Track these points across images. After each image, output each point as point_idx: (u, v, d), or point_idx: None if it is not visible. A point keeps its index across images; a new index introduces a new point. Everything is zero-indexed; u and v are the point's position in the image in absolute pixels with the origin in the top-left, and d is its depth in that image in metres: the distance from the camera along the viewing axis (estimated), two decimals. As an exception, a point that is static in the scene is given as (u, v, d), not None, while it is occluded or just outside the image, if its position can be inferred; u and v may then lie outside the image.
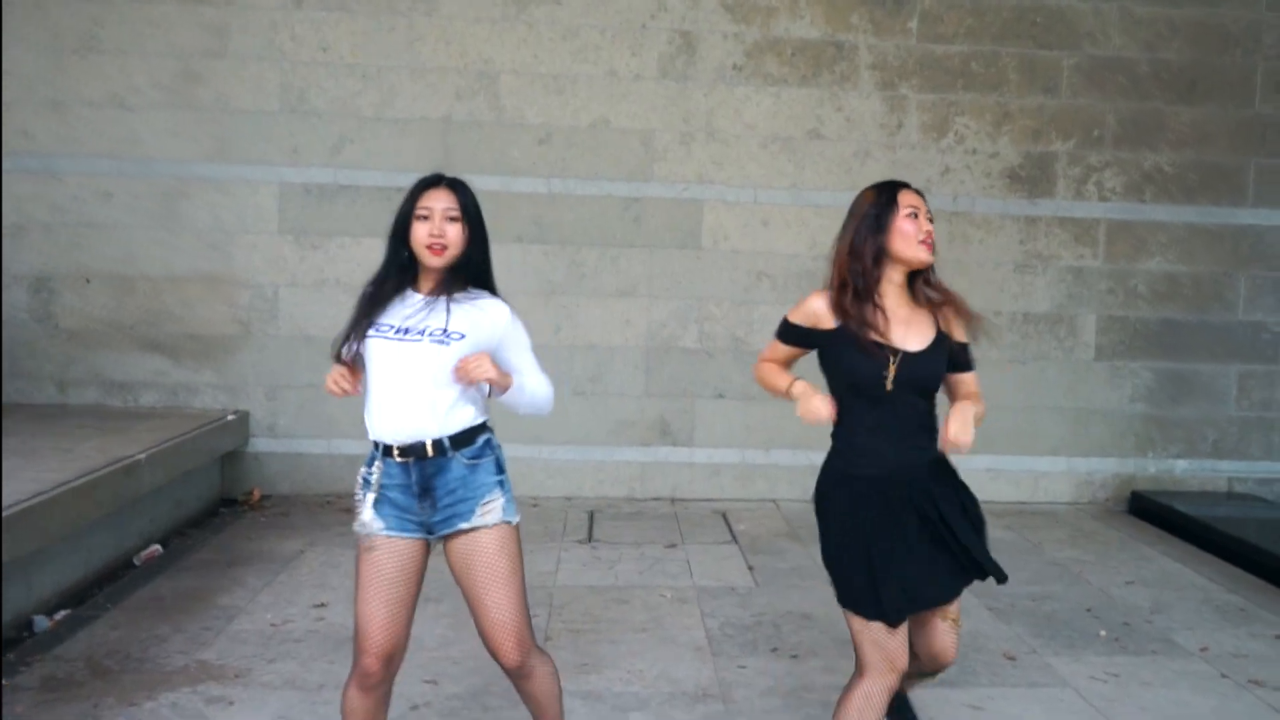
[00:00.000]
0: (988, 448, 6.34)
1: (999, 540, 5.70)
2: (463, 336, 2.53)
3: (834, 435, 2.61)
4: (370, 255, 6.44)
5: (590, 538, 5.51)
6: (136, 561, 4.86)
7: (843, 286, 2.53)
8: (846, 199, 2.75)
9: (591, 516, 5.93)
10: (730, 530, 5.72)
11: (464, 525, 2.56)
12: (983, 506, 2.66)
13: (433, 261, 2.54)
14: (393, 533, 2.57)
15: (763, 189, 6.30)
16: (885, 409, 2.51)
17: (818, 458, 2.69)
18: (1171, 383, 6.58)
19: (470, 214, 2.58)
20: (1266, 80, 6.52)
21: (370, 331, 2.55)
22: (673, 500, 6.36)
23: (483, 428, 2.63)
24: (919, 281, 2.59)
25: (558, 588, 4.66)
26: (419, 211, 2.55)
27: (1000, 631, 4.25)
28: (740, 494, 6.38)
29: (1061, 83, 6.40)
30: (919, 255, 2.52)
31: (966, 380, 2.63)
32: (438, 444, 2.55)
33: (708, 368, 6.36)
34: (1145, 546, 5.64)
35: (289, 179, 6.09)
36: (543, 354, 2.75)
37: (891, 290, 2.56)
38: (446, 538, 2.59)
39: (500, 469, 2.63)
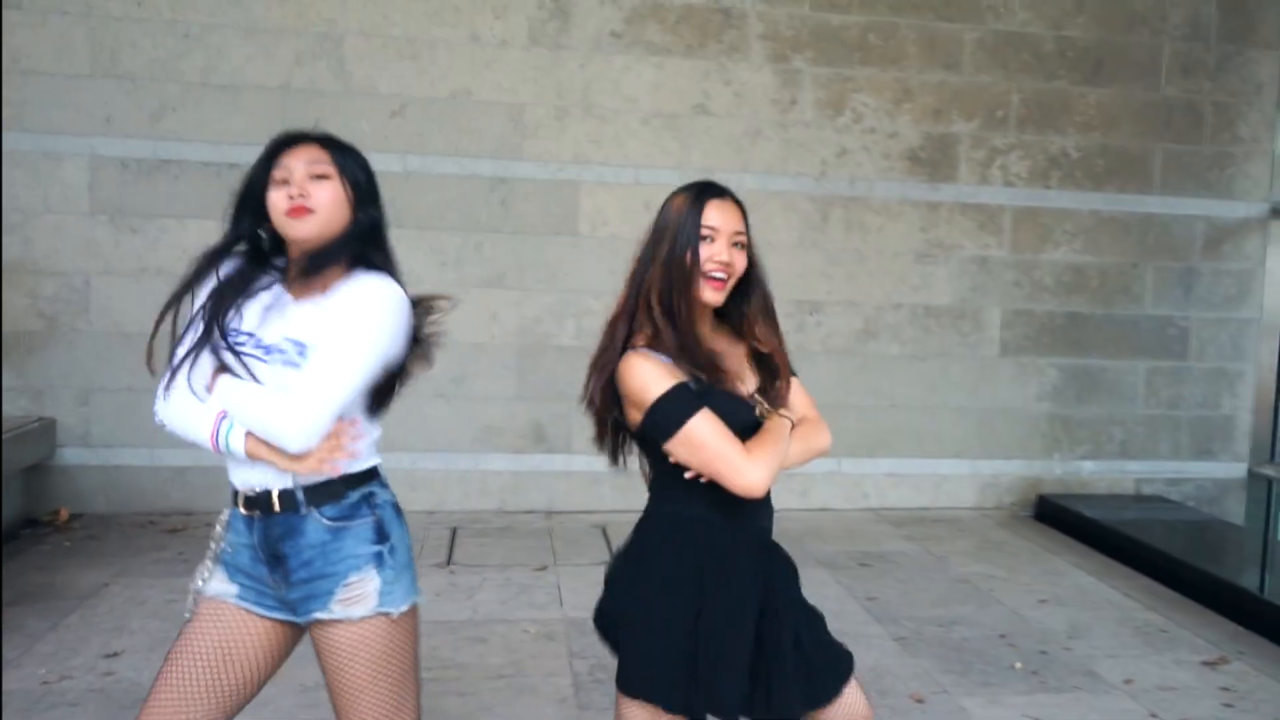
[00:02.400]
0: (887, 450, 5.88)
1: (901, 552, 5.25)
2: (304, 349, 1.84)
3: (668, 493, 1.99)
4: (198, 240, 5.69)
5: (449, 560, 4.86)
6: (-108, 604, 4.04)
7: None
8: (736, 181, 2.18)
9: (454, 534, 5.27)
10: (609, 547, 5.13)
11: (321, 615, 1.86)
12: (883, 514, 2.13)
13: (296, 229, 1.84)
14: (244, 603, 1.89)
15: (645, 169, 5.70)
16: None
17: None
18: (1078, 380, 6.21)
19: (349, 173, 1.89)
20: (1173, 62, 6.19)
21: (217, 344, 1.84)
22: (548, 513, 5.74)
23: (363, 477, 1.96)
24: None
25: (403, 625, 3.99)
26: (276, 175, 1.86)
27: (907, 667, 3.74)
28: (622, 505, 5.75)
29: (964, 58, 5.96)
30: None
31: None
32: (287, 496, 1.87)
33: (586, 367, 5.73)
34: (1055, 558, 5.21)
35: (101, 151, 5.27)
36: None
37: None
38: (311, 626, 1.91)
39: (381, 536, 1.94)
